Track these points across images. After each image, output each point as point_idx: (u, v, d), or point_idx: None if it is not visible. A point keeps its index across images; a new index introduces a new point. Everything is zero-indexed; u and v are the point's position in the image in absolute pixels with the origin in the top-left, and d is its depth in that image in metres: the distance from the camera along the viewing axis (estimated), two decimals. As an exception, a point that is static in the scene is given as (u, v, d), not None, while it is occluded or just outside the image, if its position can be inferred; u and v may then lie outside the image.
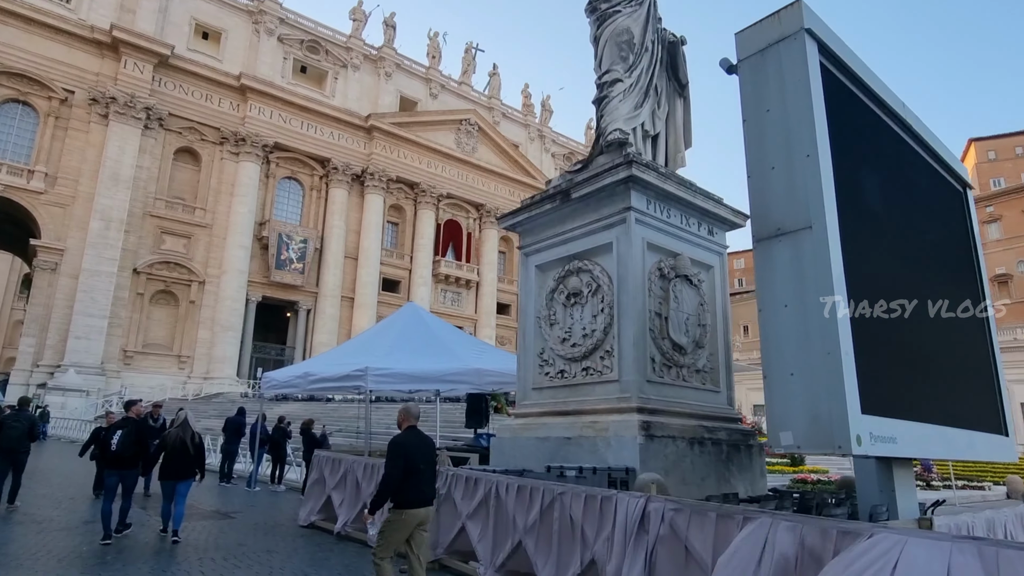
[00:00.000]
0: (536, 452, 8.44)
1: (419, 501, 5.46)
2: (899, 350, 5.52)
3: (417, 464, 5.44)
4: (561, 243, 9.19)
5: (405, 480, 5.32)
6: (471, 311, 62.12)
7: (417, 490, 5.40)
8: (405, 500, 5.38)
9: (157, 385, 40.08)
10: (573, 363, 8.71)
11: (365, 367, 9.06)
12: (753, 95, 5.40)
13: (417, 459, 5.47)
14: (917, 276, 6.21)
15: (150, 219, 44.59)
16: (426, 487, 5.51)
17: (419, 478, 5.43)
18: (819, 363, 4.67)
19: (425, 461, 5.57)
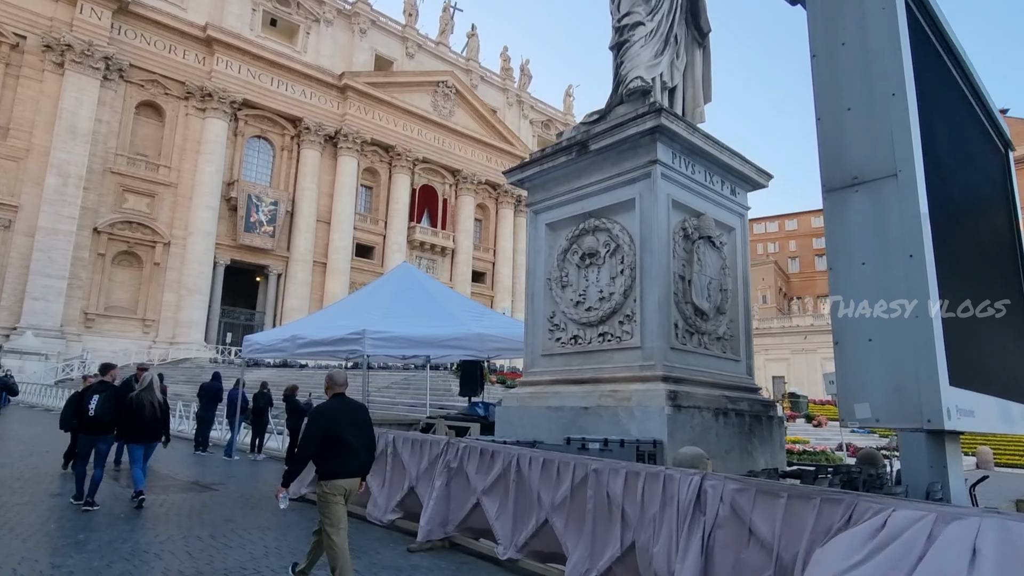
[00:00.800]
0: (548, 423, 7.90)
1: (343, 471, 5.06)
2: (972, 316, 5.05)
3: (340, 433, 5.04)
4: (575, 200, 8.54)
5: (327, 450, 4.99)
6: (446, 278, 61.14)
7: (340, 460, 5.03)
8: (328, 471, 5.02)
9: (121, 349, 38.59)
10: (588, 328, 8.13)
11: (362, 330, 8.35)
12: (825, 27, 4.78)
13: (340, 428, 5.06)
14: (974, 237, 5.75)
15: (111, 176, 42.52)
16: (353, 457, 5.11)
17: (343, 447, 5.04)
18: (905, 328, 4.13)
19: (353, 430, 5.15)
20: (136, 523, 7.26)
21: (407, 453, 7.36)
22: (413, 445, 7.31)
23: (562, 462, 5.60)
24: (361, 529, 7.35)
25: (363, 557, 6.13)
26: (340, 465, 5.06)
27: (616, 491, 5.09)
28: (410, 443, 7.36)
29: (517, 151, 66.19)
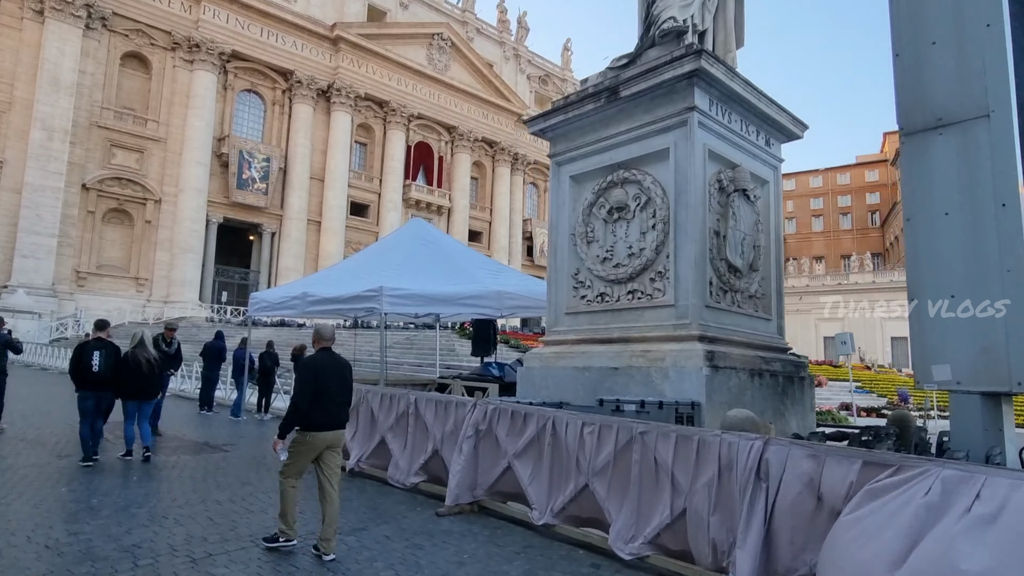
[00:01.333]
0: (574, 383, 7.62)
1: (326, 424, 5.21)
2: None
3: (327, 386, 5.21)
4: (603, 150, 8.10)
5: (313, 402, 5.12)
6: (441, 237, 60.57)
7: (325, 413, 5.19)
8: (311, 423, 5.15)
9: (114, 308, 38.07)
10: (616, 285, 7.79)
11: (380, 287, 7.97)
12: (907, -47, 4.35)
13: (328, 381, 5.23)
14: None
15: (97, 130, 41.32)
16: (336, 410, 5.30)
17: (328, 400, 5.21)
18: (995, 284, 3.81)
19: (337, 384, 5.33)
20: (150, 486, 6.98)
21: (431, 415, 7.07)
22: (437, 407, 7.02)
23: (604, 425, 5.32)
24: (383, 492, 7.11)
25: (391, 522, 5.89)
26: (324, 418, 5.19)
27: (665, 456, 4.82)
28: (434, 404, 7.07)
29: (514, 107, 64.94)
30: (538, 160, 68.93)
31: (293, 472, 5.18)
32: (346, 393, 5.48)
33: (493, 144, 64.32)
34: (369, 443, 7.88)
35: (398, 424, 7.51)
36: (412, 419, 7.28)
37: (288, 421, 5.16)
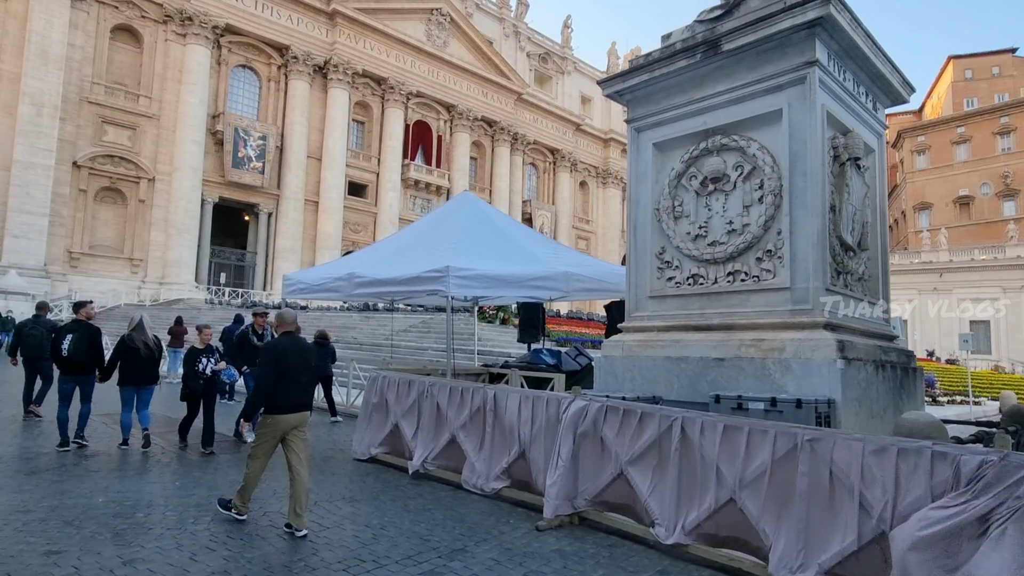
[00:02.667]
0: (667, 375, 6.79)
1: (289, 407, 5.30)
2: None
3: (290, 369, 5.30)
4: (694, 114, 7.20)
5: (276, 385, 5.22)
6: (441, 218, 59.50)
7: (287, 395, 5.28)
8: (274, 406, 5.27)
9: (109, 290, 36.97)
10: (711, 266, 6.94)
11: (446, 267, 7.09)
12: None
13: (290, 364, 5.32)
14: None
15: (88, 106, 39.81)
16: (299, 393, 5.38)
17: (291, 383, 5.30)
18: None
19: (299, 367, 5.41)
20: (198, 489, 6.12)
21: (514, 412, 6.23)
22: (523, 403, 6.18)
23: (755, 430, 4.49)
24: (460, 499, 6.29)
25: (489, 539, 5.06)
26: (287, 400, 5.29)
27: (846, 469, 4.00)
28: (518, 400, 6.22)
29: (514, 86, 63.61)
30: (537, 140, 67.83)
31: (260, 453, 5.33)
32: (309, 375, 5.58)
33: (492, 123, 63.05)
34: (436, 442, 7.03)
35: (472, 422, 6.67)
36: (490, 416, 6.44)
37: (253, 404, 5.43)
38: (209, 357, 8.51)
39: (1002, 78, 75.99)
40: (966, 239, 67.32)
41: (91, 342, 8.33)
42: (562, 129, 70.59)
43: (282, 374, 5.23)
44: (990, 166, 69.31)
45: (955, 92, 77.21)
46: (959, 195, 71.26)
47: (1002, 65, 76.62)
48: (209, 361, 8.46)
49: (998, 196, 68.89)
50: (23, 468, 6.75)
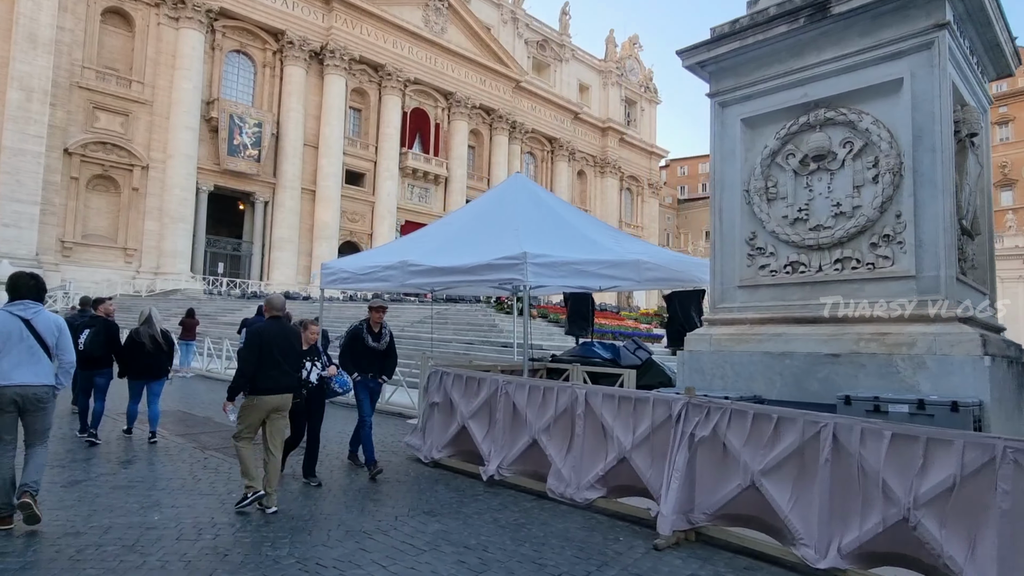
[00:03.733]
0: (768, 372, 6.19)
1: (271, 389, 5.53)
2: None
3: (272, 353, 5.51)
4: (792, 85, 6.56)
5: (259, 368, 5.44)
6: (439, 208, 58.68)
7: (269, 378, 5.48)
8: (256, 387, 5.49)
9: (103, 280, 35.96)
10: (814, 252, 6.33)
11: (522, 252, 6.44)
12: None
13: (273, 348, 5.54)
14: None
15: (79, 91, 38.59)
16: (282, 376, 5.58)
17: (273, 367, 5.51)
18: None
19: (282, 351, 5.61)
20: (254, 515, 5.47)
21: (609, 414, 5.61)
22: (621, 404, 5.55)
23: (936, 440, 3.89)
24: (548, 510, 5.66)
25: (610, 563, 4.43)
26: (269, 382, 5.49)
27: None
28: (616, 401, 5.59)
29: (512, 73, 62.70)
30: (535, 129, 67.00)
31: (245, 435, 5.52)
32: (292, 360, 5.78)
33: (491, 112, 62.15)
34: (513, 445, 6.39)
35: (557, 424, 6.04)
36: (580, 420, 5.81)
37: (234, 385, 5.53)
38: (314, 360, 6.58)
39: (999, 68, 75.40)
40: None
41: (108, 337, 8.25)
42: (560, 118, 69.79)
43: (265, 358, 5.46)
44: (987, 156, 68.73)
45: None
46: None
47: (999, 55, 75.97)
48: (314, 366, 6.56)
49: (996, 186, 68.60)
50: (58, 479, 6.05)
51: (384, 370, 7.28)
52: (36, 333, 4.78)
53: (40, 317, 4.89)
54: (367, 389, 7.16)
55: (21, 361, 4.65)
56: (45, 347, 4.80)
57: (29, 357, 4.69)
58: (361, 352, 7.17)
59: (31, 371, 4.69)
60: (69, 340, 5.06)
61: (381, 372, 7.24)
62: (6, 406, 4.58)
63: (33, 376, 4.69)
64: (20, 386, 4.62)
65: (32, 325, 4.79)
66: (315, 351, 6.61)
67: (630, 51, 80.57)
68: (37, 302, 4.95)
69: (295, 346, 5.86)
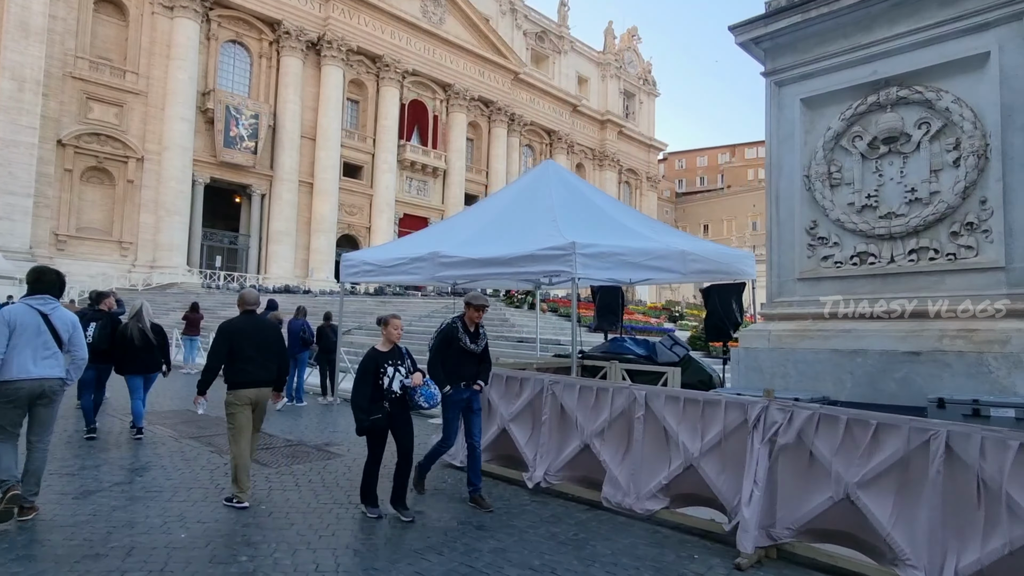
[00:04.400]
0: (837, 372, 5.75)
1: (246, 383, 5.50)
2: None
3: (243, 347, 5.48)
4: (860, 62, 6.10)
5: (233, 363, 5.45)
6: (438, 201, 58.15)
7: (243, 372, 5.46)
8: (232, 381, 5.50)
9: (98, 273, 35.27)
10: (885, 242, 5.88)
11: (571, 243, 5.95)
12: None
13: (244, 343, 5.51)
14: None
15: (72, 81, 37.80)
16: (257, 370, 5.53)
17: (245, 361, 5.47)
18: None
19: (255, 345, 5.56)
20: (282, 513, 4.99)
21: (673, 417, 5.14)
22: (687, 407, 5.09)
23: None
24: (605, 521, 5.20)
25: (693, 586, 3.98)
26: (242, 376, 5.46)
27: None
28: (680, 404, 5.13)
29: (511, 65, 62.03)
30: (534, 121, 66.40)
31: (236, 431, 5.45)
32: (267, 354, 5.65)
33: (489, 104, 61.48)
34: (561, 450, 5.92)
35: (612, 428, 5.57)
36: (640, 423, 5.34)
37: (202, 380, 5.52)
38: (398, 365, 5.29)
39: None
40: None
41: (113, 332, 8.17)
42: (559, 110, 69.21)
43: (236, 353, 5.43)
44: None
45: None
46: None
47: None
48: (397, 371, 5.26)
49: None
50: (69, 489, 5.55)
51: (480, 375, 5.87)
52: (53, 328, 4.85)
53: (57, 313, 4.96)
54: (460, 403, 5.75)
55: (38, 355, 4.74)
56: (59, 341, 4.88)
57: (44, 351, 4.79)
58: (456, 357, 5.74)
59: (47, 364, 4.79)
60: (82, 336, 5.17)
61: (476, 378, 5.82)
62: (22, 398, 4.67)
63: (48, 369, 4.79)
64: (38, 380, 4.72)
65: (50, 320, 4.86)
66: (399, 354, 5.39)
67: (629, 43, 79.99)
68: (55, 298, 5.04)
69: (270, 339, 5.76)
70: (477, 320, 5.88)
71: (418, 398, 5.32)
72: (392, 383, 5.20)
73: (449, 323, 5.90)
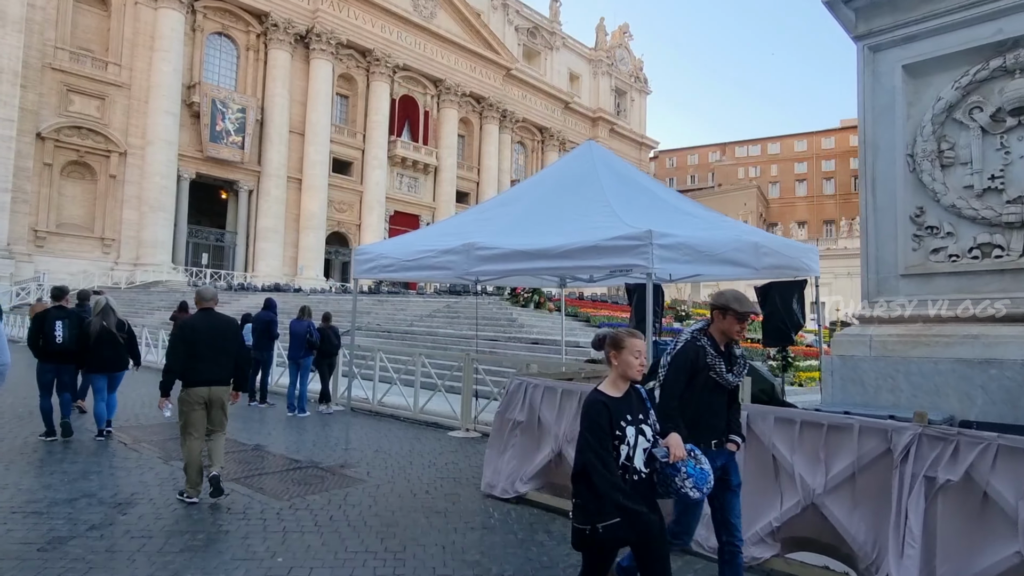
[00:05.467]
0: (962, 385, 4.83)
1: (200, 380, 5.44)
2: None
3: (198, 345, 5.43)
4: (979, 19, 5.17)
5: (188, 360, 5.40)
6: (429, 199, 57.12)
7: (196, 371, 5.42)
8: (185, 379, 5.45)
9: (79, 271, 33.93)
10: (1016, 232, 4.97)
11: (647, 231, 4.98)
12: None
13: (200, 340, 5.45)
14: None
15: (51, 73, 36.42)
16: (212, 367, 5.48)
17: (200, 359, 5.43)
18: None
19: (211, 343, 5.50)
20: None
21: (785, 444, 4.20)
22: (804, 432, 4.14)
23: None
24: (698, 570, 4.24)
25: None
26: (197, 375, 5.43)
27: None
28: (795, 428, 4.18)
29: (503, 60, 61.10)
30: (526, 118, 65.51)
31: (188, 429, 5.43)
32: (223, 352, 5.58)
33: (481, 100, 60.52)
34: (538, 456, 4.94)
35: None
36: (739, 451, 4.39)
37: (164, 380, 5.44)
38: (641, 423, 2.97)
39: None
40: None
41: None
42: (551, 107, 68.36)
43: (191, 350, 5.38)
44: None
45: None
46: None
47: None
48: (641, 434, 2.95)
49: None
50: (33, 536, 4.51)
51: (733, 427, 3.70)
52: None
53: None
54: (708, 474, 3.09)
55: None
56: None
57: None
58: (701, 395, 3.52)
59: None
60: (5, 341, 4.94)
61: (729, 430, 3.67)
62: None
63: None
64: None
65: None
66: (639, 402, 3.05)
67: (620, 40, 79.29)
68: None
69: (228, 336, 5.68)
70: (739, 336, 3.62)
71: (681, 483, 2.97)
72: (634, 455, 2.89)
73: (690, 340, 3.58)
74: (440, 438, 8.50)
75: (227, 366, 5.57)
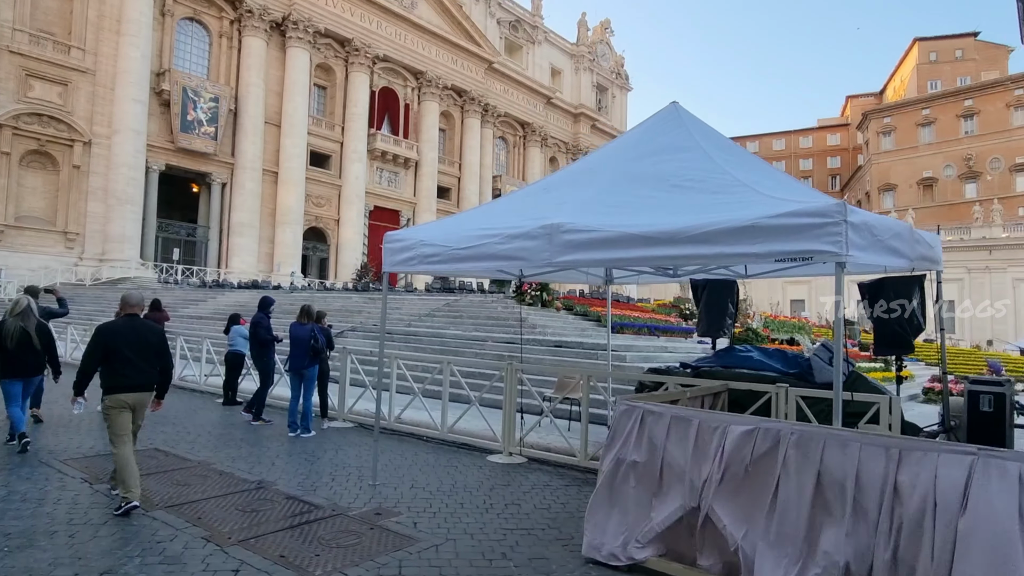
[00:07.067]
0: None
1: (120, 387, 5.41)
2: None
3: (120, 351, 5.37)
4: None
5: (109, 366, 5.39)
6: (409, 193, 55.45)
7: (118, 376, 5.39)
8: (107, 385, 5.43)
9: (40, 267, 31.71)
10: None
11: (840, 204, 3.62)
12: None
13: (120, 345, 5.38)
14: None
15: (9, 56, 34.01)
16: (134, 374, 5.45)
17: (122, 365, 5.38)
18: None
19: (134, 348, 5.44)
20: None
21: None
22: None
23: None
24: None
25: None
26: (119, 380, 5.39)
27: None
28: None
29: (485, 53, 59.67)
30: (508, 113, 64.19)
31: (115, 434, 5.39)
32: (147, 358, 5.55)
33: (462, 93, 58.98)
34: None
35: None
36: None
37: (77, 380, 5.45)
38: None
39: (964, 61, 76.71)
40: (929, 220, 67.98)
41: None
42: (533, 102, 67.10)
43: (111, 356, 5.34)
44: (953, 148, 70.30)
45: (920, 75, 77.49)
46: (923, 177, 72.17)
47: (965, 48, 77.31)
48: None
49: (960, 178, 69.99)
50: None
51: None
52: None
53: None
54: None
55: None
56: None
57: None
58: None
59: None
60: None
61: None
62: None
63: None
64: None
65: None
66: None
67: (602, 35, 78.37)
68: None
69: (152, 342, 5.61)
70: None
71: None
72: None
73: None
74: (480, 465, 7.11)
75: (151, 372, 5.57)
